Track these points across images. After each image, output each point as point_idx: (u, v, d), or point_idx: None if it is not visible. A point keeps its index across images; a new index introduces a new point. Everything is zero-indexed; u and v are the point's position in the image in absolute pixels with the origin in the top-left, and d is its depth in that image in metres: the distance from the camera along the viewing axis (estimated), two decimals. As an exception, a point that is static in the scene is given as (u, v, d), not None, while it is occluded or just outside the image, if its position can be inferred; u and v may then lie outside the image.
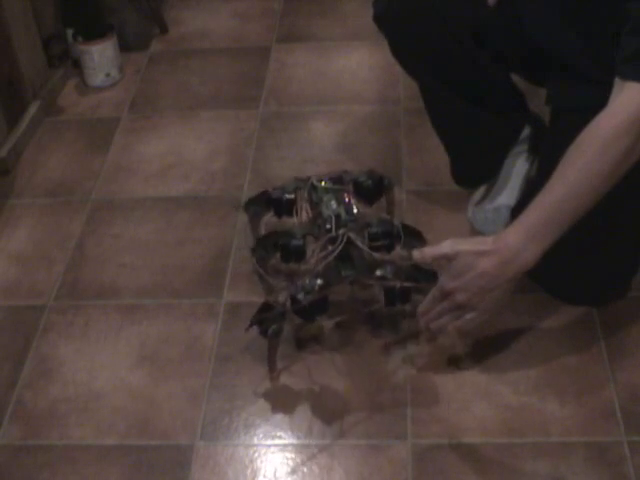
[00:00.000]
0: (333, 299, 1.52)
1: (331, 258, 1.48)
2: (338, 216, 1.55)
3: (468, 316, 1.38)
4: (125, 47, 2.45)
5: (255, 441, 1.42)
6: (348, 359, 1.54)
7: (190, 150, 2.10)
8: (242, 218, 1.85)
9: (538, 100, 1.75)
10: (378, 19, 1.67)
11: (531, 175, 1.76)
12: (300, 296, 1.45)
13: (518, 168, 1.77)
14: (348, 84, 2.31)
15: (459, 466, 1.35)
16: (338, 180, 1.64)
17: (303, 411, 1.46)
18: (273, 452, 1.41)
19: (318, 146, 2.00)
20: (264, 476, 1.37)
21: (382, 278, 1.50)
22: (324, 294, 1.47)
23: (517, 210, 1.66)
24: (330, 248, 1.49)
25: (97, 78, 2.36)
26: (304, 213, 1.63)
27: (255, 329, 1.46)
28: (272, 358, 1.50)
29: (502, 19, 1.65)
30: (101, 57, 2.33)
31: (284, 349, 1.52)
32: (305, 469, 1.37)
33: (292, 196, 1.64)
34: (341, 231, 1.51)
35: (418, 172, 1.92)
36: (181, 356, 1.57)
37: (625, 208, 1.49)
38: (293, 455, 1.40)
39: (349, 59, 2.42)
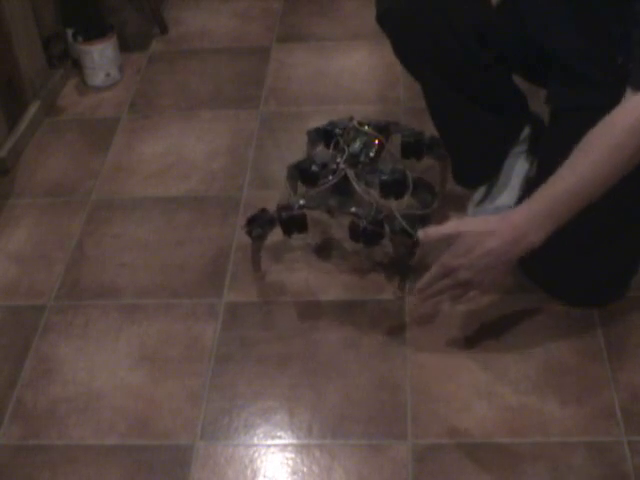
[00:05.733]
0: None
1: (325, 186, 1.64)
2: (354, 155, 1.68)
3: (470, 294, 1.41)
4: (125, 47, 2.45)
5: (255, 441, 1.42)
6: (348, 359, 1.54)
7: (190, 150, 2.11)
8: (242, 218, 1.85)
9: (538, 100, 1.75)
10: (381, 19, 1.66)
11: (531, 175, 1.76)
12: (283, 210, 1.64)
13: (518, 168, 1.77)
14: (348, 84, 2.31)
15: (459, 466, 1.35)
16: (381, 128, 1.76)
17: (303, 411, 1.46)
18: (273, 452, 1.41)
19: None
20: (264, 476, 1.37)
21: (353, 214, 1.62)
22: (302, 213, 1.64)
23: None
24: (330, 178, 1.63)
25: (97, 78, 2.36)
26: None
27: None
28: (255, 258, 1.70)
29: (505, 19, 1.64)
30: (101, 57, 2.33)
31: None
32: (305, 469, 1.37)
33: (340, 132, 1.76)
34: (342, 166, 1.64)
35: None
36: (181, 356, 1.57)
37: (624, 209, 1.49)
38: (293, 455, 1.40)
39: (349, 59, 2.42)
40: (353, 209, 1.63)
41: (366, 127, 1.75)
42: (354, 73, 2.35)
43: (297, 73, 2.37)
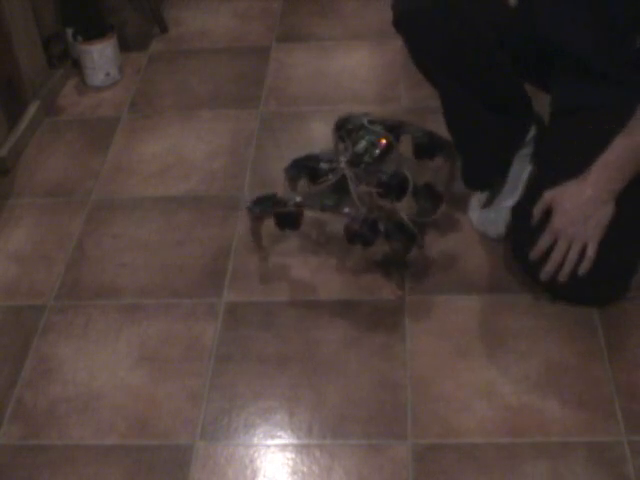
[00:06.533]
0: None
1: (323, 186, 1.66)
2: (358, 154, 1.69)
3: (589, 251, 1.49)
4: (125, 47, 2.45)
5: (255, 441, 1.42)
6: (348, 359, 1.54)
7: (190, 150, 2.11)
8: (242, 218, 1.85)
9: (538, 102, 1.75)
10: (398, 23, 1.63)
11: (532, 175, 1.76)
12: (279, 205, 1.67)
13: (524, 171, 1.75)
14: (348, 84, 2.31)
15: (459, 466, 1.35)
16: (392, 127, 1.76)
17: (303, 411, 1.46)
18: (273, 452, 1.41)
19: (318, 146, 1.99)
20: (264, 476, 1.37)
21: (346, 215, 1.63)
22: (297, 211, 1.65)
23: (517, 209, 1.67)
24: (330, 177, 1.65)
25: (97, 78, 2.36)
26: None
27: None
28: (255, 236, 1.74)
29: (519, 19, 1.63)
30: (101, 57, 2.33)
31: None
32: (305, 469, 1.37)
33: (351, 127, 1.77)
34: (342, 165, 1.65)
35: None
36: (181, 356, 1.57)
37: (624, 209, 1.49)
38: (293, 455, 1.40)
39: (349, 59, 2.42)
40: (346, 210, 1.63)
41: (376, 126, 1.75)
42: (354, 73, 2.35)
43: (297, 73, 2.37)
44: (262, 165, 2.03)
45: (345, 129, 1.77)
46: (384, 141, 1.72)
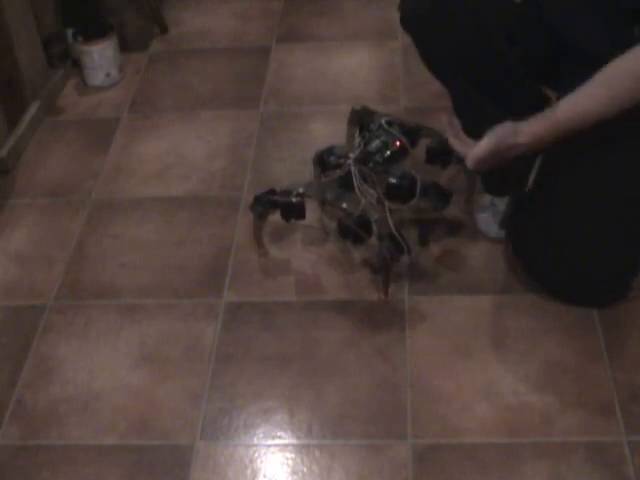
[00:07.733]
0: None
1: (328, 179, 1.68)
2: (369, 153, 1.69)
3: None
4: (125, 47, 2.45)
5: (255, 441, 1.43)
6: (348, 359, 1.54)
7: (190, 150, 2.11)
8: (242, 218, 1.85)
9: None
10: (406, 21, 1.62)
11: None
12: (282, 195, 1.69)
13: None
14: (348, 84, 2.31)
15: (459, 466, 1.35)
16: (408, 131, 1.77)
17: (303, 411, 1.46)
18: (273, 452, 1.41)
19: (318, 146, 2.00)
20: (264, 476, 1.37)
21: (343, 210, 1.65)
22: (299, 201, 1.67)
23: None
24: (337, 171, 1.66)
25: (97, 78, 2.36)
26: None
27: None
28: (257, 236, 1.74)
29: (526, 15, 1.63)
30: (101, 57, 2.33)
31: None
32: (305, 469, 1.37)
33: (374, 127, 1.77)
34: (348, 161, 1.66)
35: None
36: (181, 356, 1.57)
37: (625, 210, 1.49)
38: (293, 455, 1.40)
39: (349, 59, 2.42)
40: (344, 205, 1.64)
41: (394, 127, 1.74)
42: (354, 73, 2.35)
43: (297, 73, 2.37)
44: (262, 165, 2.03)
45: (366, 128, 1.78)
46: (398, 144, 1.72)
